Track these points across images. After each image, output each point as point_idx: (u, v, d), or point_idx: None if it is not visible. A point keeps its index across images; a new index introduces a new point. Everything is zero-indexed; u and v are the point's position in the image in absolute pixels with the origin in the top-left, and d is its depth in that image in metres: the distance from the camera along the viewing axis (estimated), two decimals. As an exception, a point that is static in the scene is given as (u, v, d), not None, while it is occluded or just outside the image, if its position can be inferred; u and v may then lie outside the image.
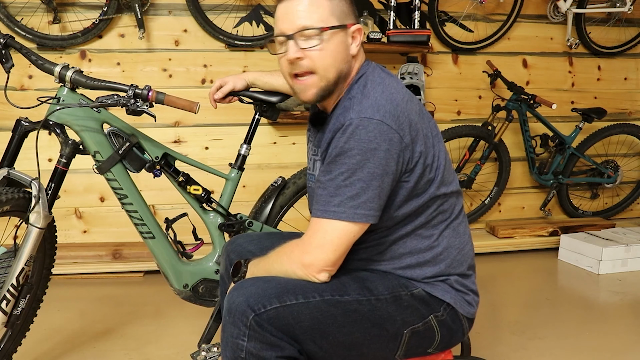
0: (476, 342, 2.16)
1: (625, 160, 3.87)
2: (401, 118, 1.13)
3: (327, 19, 1.18)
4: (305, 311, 1.15)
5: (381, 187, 1.13)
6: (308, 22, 1.17)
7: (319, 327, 1.16)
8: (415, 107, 1.20)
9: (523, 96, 3.30)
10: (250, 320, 1.11)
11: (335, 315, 1.17)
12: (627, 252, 3.07)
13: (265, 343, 1.12)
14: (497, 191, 3.54)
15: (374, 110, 1.12)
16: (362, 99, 1.16)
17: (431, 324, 1.25)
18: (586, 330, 2.28)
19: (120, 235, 3.19)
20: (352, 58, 1.25)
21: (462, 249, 1.30)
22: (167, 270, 1.85)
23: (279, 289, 1.15)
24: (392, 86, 1.19)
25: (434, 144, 1.22)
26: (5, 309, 1.56)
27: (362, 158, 1.10)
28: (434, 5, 3.31)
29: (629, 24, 3.76)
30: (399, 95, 1.17)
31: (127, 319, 2.39)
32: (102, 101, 1.57)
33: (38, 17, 2.97)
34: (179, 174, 1.82)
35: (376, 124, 1.10)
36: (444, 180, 1.24)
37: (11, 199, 1.52)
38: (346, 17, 1.22)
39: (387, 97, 1.15)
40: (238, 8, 3.18)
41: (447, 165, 1.27)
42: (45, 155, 3.03)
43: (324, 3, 1.19)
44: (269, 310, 1.12)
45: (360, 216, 1.12)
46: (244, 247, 1.53)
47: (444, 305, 1.26)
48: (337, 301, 1.18)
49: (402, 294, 1.23)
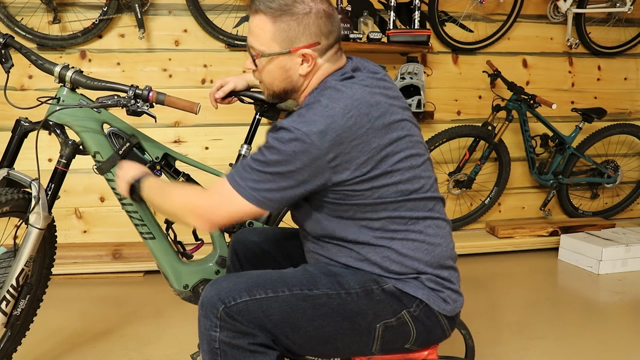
0: (476, 342, 2.15)
1: (625, 160, 3.87)
2: (330, 136, 1.13)
3: (267, 43, 1.23)
4: (274, 305, 1.18)
5: (285, 189, 1.18)
6: (253, 44, 1.26)
7: (289, 321, 1.19)
8: (360, 121, 1.16)
9: (523, 96, 3.30)
10: (221, 311, 1.15)
11: (304, 309, 1.19)
12: (627, 252, 3.07)
13: (237, 332, 1.16)
14: (497, 191, 3.54)
15: (306, 125, 1.13)
16: (307, 110, 1.17)
17: (405, 319, 1.26)
18: (586, 330, 2.28)
19: (120, 235, 3.19)
20: (302, 77, 1.27)
21: (432, 250, 1.28)
22: (167, 270, 1.85)
23: (249, 283, 1.19)
24: (342, 101, 1.17)
25: (375, 158, 1.19)
26: (5, 309, 1.56)
27: (278, 159, 1.14)
28: (434, 5, 3.31)
29: (629, 24, 3.76)
30: (343, 112, 1.15)
31: (127, 319, 2.39)
32: (103, 102, 1.57)
33: (38, 17, 2.97)
34: (179, 174, 1.83)
35: (301, 134, 1.12)
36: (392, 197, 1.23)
37: (11, 200, 1.51)
38: (292, 41, 1.22)
39: (327, 112, 1.14)
40: (238, 8, 3.18)
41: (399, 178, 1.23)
42: (45, 156, 3.03)
43: (268, 27, 1.22)
44: (239, 303, 1.16)
45: (256, 200, 1.19)
46: (249, 238, 1.58)
47: (416, 302, 1.26)
48: (306, 295, 1.20)
49: (373, 289, 1.24)
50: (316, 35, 1.22)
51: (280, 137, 1.14)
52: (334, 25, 1.25)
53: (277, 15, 1.20)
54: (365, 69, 1.31)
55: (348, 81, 1.24)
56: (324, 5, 1.23)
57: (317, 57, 1.25)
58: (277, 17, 1.20)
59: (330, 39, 1.25)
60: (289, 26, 1.21)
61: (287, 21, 1.20)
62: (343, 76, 1.25)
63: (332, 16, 1.24)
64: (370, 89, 1.23)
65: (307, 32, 1.21)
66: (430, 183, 1.31)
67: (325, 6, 1.23)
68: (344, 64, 1.30)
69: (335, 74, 1.27)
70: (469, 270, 3.10)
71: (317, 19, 1.21)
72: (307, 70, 1.25)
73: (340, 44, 1.29)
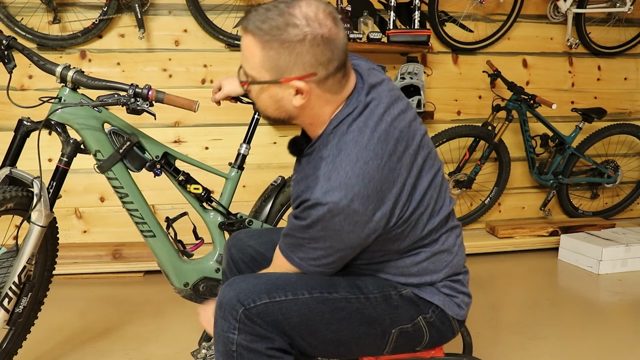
0: (476, 342, 2.16)
1: (625, 160, 3.87)
2: (372, 196, 1.07)
3: (257, 69, 1.09)
4: (293, 308, 1.16)
5: (342, 256, 1.17)
6: (243, 65, 1.13)
7: (307, 323, 1.18)
8: (392, 164, 1.11)
9: (523, 96, 3.30)
10: (240, 314, 1.13)
11: (323, 312, 1.18)
12: (627, 252, 3.07)
13: (255, 335, 1.14)
14: (497, 191, 3.54)
15: (342, 192, 1.04)
16: (333, 169, 1.07)
17: (420, 324, 1.26)
18: (586, 331, 2.28)
19: (120, 235, 3.20)
20: (297, 109, 1.14)
21: (450, 261, 1.28)
22: (167, 268, 1.85)
23: (269, 285, 1.17)
24: (369, 148, 1.08)
25: (410, 193, 1.16)
26: (7, 306, 1.57)
27: (325, 234, 1.10)
28: (434, 5, 3.31)
29: (629, 24, 3.76)
30: (374, 163, 1.08)
31: (127, 318, 2.39)
32: (103, 100, 1.58)
33: (38, 17, 2.97)
34: (179, 173, 1.83)
35: (342, 209, 1.05)
36: (421, 224, 1.21)
37: (15, 197, 1.54)
38: (283, 71, 1.07)
39: (358, 171, 1.06)
40: (238, 8, 3.19)
41: (428, 202, 1.21)
42: (45, 156, 3.03)
43: (257, 52, 1.07)
44: (259, 305, 1.14)
45: (319, 272, 1.20)
46: (245, 241, 1.55)
47: (432, 307, 1.27)
48: (325, 298, 1.19)
49: (392, 294, 1.24)
50: (311, 66, 1.06)
51: (317, 214, 1.07)
52: (336, 52, 1.07)
53: (267, 41, 1.04)
54: (376, 87, 1.19)
55: (367, 118, 1.13)
56: (322, 29, 1.04)
57: (315, 88, 1.10)
58: (266, 42, 1.05)
59: (330, 68, 1.08)
60: (279, 54, 1.05)
61: (277, 48, 1.04)
62: (359, 111, 1.13)
63: (332, 42, 1.06)
64: (390, 116, 1.15)
65: (300, 62, 1.06)
66: (447, 193, 1.30)
67: (324, 30, 1.04)
68: (352, 89, 1.16)
69: (348, 107, 1.14)
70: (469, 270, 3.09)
71: (312, 47, 1.04)
72: (302, 103, 1.11)
73: (346, 69, 1.13)
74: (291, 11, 1.04)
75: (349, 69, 1.15)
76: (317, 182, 1.08)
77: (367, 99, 1.15)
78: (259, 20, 1.05)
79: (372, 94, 1.16)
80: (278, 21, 1.03)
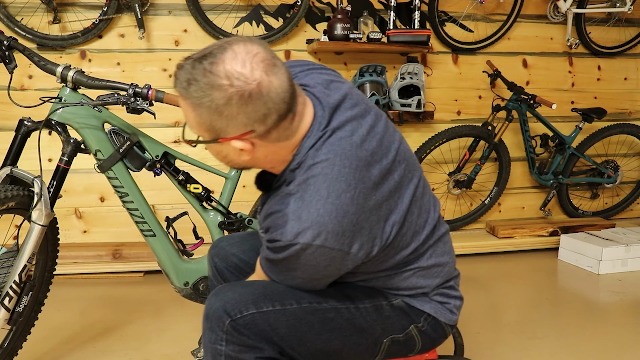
0: (476, 342, 2.16)
1: (625, 160, 3.87)
2: (347, 231, 1.01)
3: (196, 129, 1.03)
4: (281, 318, 1.14)
5: (324, 282, 1.15)
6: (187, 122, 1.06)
7: (295, 334, 1.15)
8: (366, 191, 1.04)
9: (523, 96, 3.30)
10: (227, 325, 1.11)
11: (312, 323, 1.16)
12: (627, 252, 3.07)
13: (243, 346, 1.12)
14: (497, 191, 3.54)
15: (314, 232, 0.99)
16: (302, 206, 1.00)
17: (412, 333, 1.25)
18: (586, 330, 2.28)
19: (120, 235, 3.20)
20: (249, 161, 1.09)
21: (441, 271, 1.25)
22: (167, 268, 1.85)
23: (256, 295, 1.14)
24: (341, 179, 1.01)
25: (390, 217, 1.10)
26: (8, 305, 1.57)
27: (301, 268, 1.08)
28: (434, 5, 3.31)
29: (629, 24, 3.76)
30: (347, 196, 1.01)
31: (127, 318, 2.39)
32: (103, 100, 1.59)
33: (38, 17, 2.97)
34: (179, 172, 1.83)
35: (316, 248, 1.00)
36: (404, 243, 1.16)
37: (16, 196, 1.55)
38: (218, 132, 1.00)
39: (330, 207, 0.99)
40: (238, 8, 3.19)
41: (411, 221, 1.16)
42: (45, 155, 3.03)
43: (190, 114, 1.00)
44: (245, 315, 1.11)
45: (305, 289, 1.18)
46: (228, 250, 1.52)
47: (424, 316, 1.25)
48: (314, 309, 1.16)
49: (383, 304, 1.22)
50: (245, 125, 0.99)
51: (289, 253, 1.03)
52: (271, 105, 0.97)
53: (195, 104, 0.97)
54: (339, 108, 1.10)
55: (333, 147, 1.04)
56: (250, 85, 0.95)
57: (259, 142, 1.03)
58: (195, 105, 0.98)
59: (269, 122, 0.99)
60: (210, 117, 0.98)
61: (206, 112, 0.97)
62: (323, 141, 1.05)
63: (263, 96, 0.96)
64: (359, 139, 1.07)
65: (233, 123, 0.98)
66: (432, 202, 1.25)
67: (252, 87, 0.95)
68: (310, 122, 1.07)
69: (310, 140, 1.06)
70: (469, 270, 3.10)
71: (241, 107, 0.96)
72: (248, 158, 1.07)
73: (293, 113, 1.03)
74: (214, 69, 0.95)
75: (298, 110, 1.04)
76: (286, 221, 1.01)
77: (329, 127, 1.07)
78: (184, 81, 0.97)
79: (335, 120, 1.08)
80: (201, 84, 0.95)
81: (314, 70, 1.20)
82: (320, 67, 1.22)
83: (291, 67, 1.22)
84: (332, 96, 1.11)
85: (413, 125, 3.47)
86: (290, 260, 1.04)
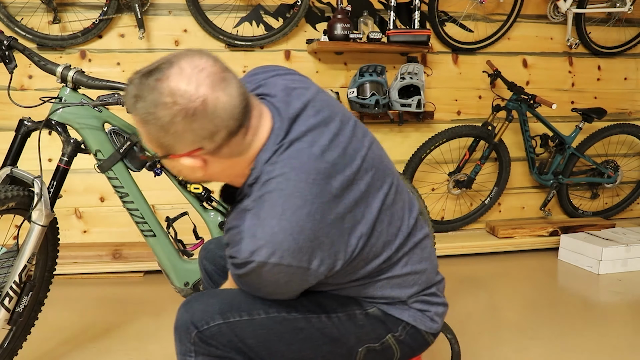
0: (476, 342, 2.16)
1: (625, 160, 3.87)
2: (305, 248, 0.97)
3: (149, 144, 1.02)
4: (248, 329, 1.12)
5: (289, 295, 1.12)
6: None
7: (264, 344, 1.13)
8: (325, 205, 1.00)
9: (523, 96, 3.30)
10: (194, 336, 1.11)
11: (281, 333, 1.13)
12: (627, 252, 3.07)
13: (212, 356, 1.11)
14: (497, 191, 3.54)
15: (269, 250, 0.95)
16: (257, 223, 0.97)
17: (389, 343, 1.20)
18: (586, 330, 2.28)
19: (120, 235, 3.19)
20: (204, 177, 1.08)
21: (418, 279, 1.20)
22: (168, 268, 1.85)
23: (223, 305, 1.13)
24: (293, 197, 0.97)
25: (355, 230, 1.06)
26: (8, 305, 1.57)
27: (262, 283, 1.05)
28: (434, 5, 3.31)
29: (629, 24, 3.76)
30: (302, 212, 0.97)
31: (128, 318, 2.39)
32: (103, 100, 1.59)
33: (38, 17, 2.97)
34: (179, 172, 1.83)
35: (273, 266, 0.97)
36: (374, 254, 1.12)
37: (17, 196, 1.55)
38: (168, 149, 0.99)
39: (285, 224, 0.95)
40: (238, 8, 3.19)
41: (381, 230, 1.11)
42: (45, 155, 3.02)
43: (141, 130, 0.99)
44: (212, 327, 1.11)
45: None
46: (215, 252, 1.51)
47: (402, 325, 1.20)
48: (283, 318, 1.14)
49: (356, 313, 1.18)
50: (193, 142, 0.96)
51: (247, 271, 1.00)
52: (218, 122, 0.95)
53: (142, 121, 0.96)
54: (299, 117, 1.06)
55: (290, 160, 1.00)
56: (194, 102, 0.92)
57: (211, 158, 1.01)
58: (143, 122, 0.96)
59: (218, 139, 0.97)
60: (157, 134, 0.96)
61: (154, 129, 0.96)
62: (279, 154, 1.01)
63: (209, 113, 0.93)
64: (319, 149, 1.03)
65: (181, 141, 0.96)
66: (406, 208, 1.19)
67: (196, 104, 0.92)
68: (267, 135, 1.04)
69: (265, 153, 1.02)
70: (469, 270, 3.10)
71: (187, 124, 0.93)
72: (202, 174, 1.05)
73: (246, 127, 1.00)
74: (159, 86, 0.92)
75: (252, 124, 1.01)
76: (242, 238, 0.98)
77: (287, 139, 1.03)
78: (132, 97, 0.95)
79: (294, 131, 1.04)
80: (147, 101, 0.93)
81: (278, 76, 1.16)
82: (285, 72, 1.18)
83: (255, 75, 1.18)
84: (293, 104, 1.07)
85: (413, 125, 3.47)
86: (250, 275, 1.02)
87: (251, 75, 1.19)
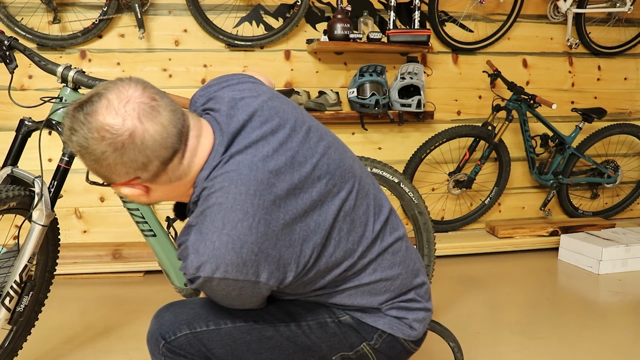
0: (476, 342, 2.16)
1: (625, 160, 3.88)
2: (248, 261, 0.95)
3: (90, 171, 1.02)
4: (216, 338, 1.12)
5: (246, 305, 1.10)
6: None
7: (232, 353, 1.13)
8: (268, 217, 0.97)
9: (523, 96, 3.31)
10: (162, 347, 1.12)
11: (249, 342, 1.13)
12: (627, 252, 3.07)
13: None
14: (497, 191, 3.54)
15: (212, 266, 0.94)
16: (200, 238, 0.95)
17: (364, 351, 1.18)
18: (586, 330, 2.28)
19: (120, 235, 3.20)
20: (150, 200, 1.07)
21: (391, 285, 1.16)
22: (168, 268, 1.85)
23: (191, 315, 1.14)
24: (233, 211, 0.95)
25: (309, 239, 1.02)
26: (9, 305, 1.57)
27: (216, 296, 1.04)
28: (434, 5, 3.31)
29: (629, 24, 3.76)
30: (243, 225, 0.95)
31: (127, 318, 2.39)
32: (103, 100, 1.59)
33: (38, 17, 2.97)
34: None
35: (219, 280, 0.96)
36: (334, 262, 1.08)
37: (18, 196, 1.54)
38: (107, 178, 0.99)
39: (226, 239, 0.94)
40: (238, 8, 3.19)
41: (339, 238, 1.07)
42: (45, 155, 3.02)
43: (78, 157, 0.99)
44: (179, 337, 1.12)
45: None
46: None
47: (377, 332, 1.16)
48: (251, 327, 1.13)
49: (327, 321, 1.16)
50: (128, 173, 0.97)
51: (199, 284, 0.99)
52: (149, 153, 0.94)
53: (79, 152, 0.96)
54: (242, 132, 1.03)
55: (229, 173, 0.98)
56: (122, 136, 0.91)
57: (151, 184, 1.01)
58: (80, 154, 0.96)
59: (152, 169, 0.96)
60: (94, 167, 0.97)
61: (89, 162, 0.96)
62: (219, 168, 1.00)
63: (137, 146, 0.93)
64: (260, 160, 1.00)
65: (115, 172, 0.96)
66: (371, 212, 1.14)
67: (124, 138, 0.92)
68: (208, 153, 1.02)
69: (205, 171, 1.01)
70: (469, 270, 3.10)
71: (118, 157, 0.93)
72: (146, 199, 1.05)
73: (183, 151, 0.99)
74: (88, 121, 0.92)
75: (189, 146, 1.00)
76: (188, 254, 0.97)
77: (227, 153, 1.01)
78: (69, 130, 0.95)
79: (236, 144, 1.02)
80: (79, 135, 0.93)
81: (228, 87, 1.14)
82: (237, 82, 1.16)
83: (208, 88, 1.17)
84: (237, 117, 1.05)
85: (413, 125, 3.47)
86: (204, 289, 1.01)
87: (206, 88, 1.18)
